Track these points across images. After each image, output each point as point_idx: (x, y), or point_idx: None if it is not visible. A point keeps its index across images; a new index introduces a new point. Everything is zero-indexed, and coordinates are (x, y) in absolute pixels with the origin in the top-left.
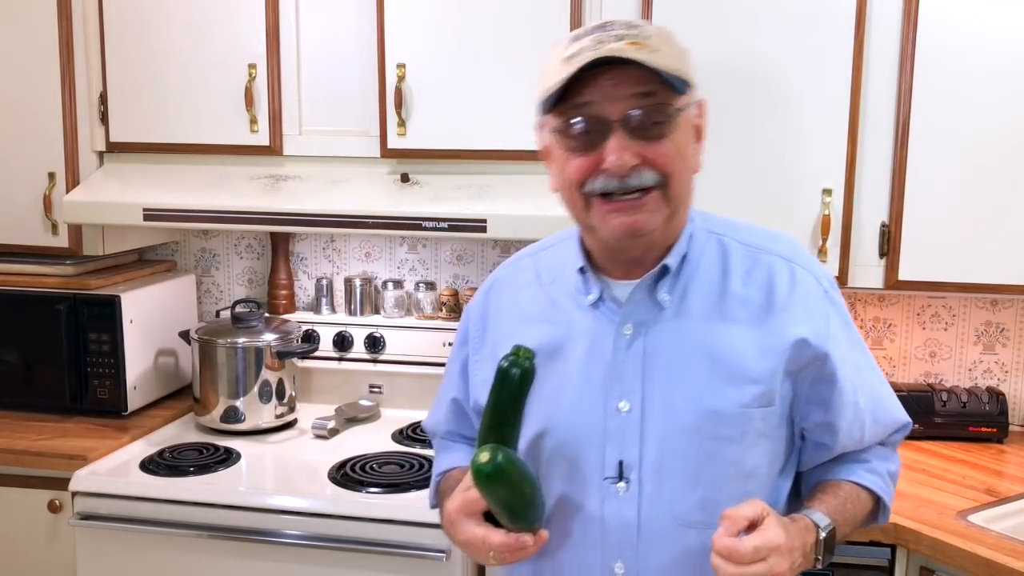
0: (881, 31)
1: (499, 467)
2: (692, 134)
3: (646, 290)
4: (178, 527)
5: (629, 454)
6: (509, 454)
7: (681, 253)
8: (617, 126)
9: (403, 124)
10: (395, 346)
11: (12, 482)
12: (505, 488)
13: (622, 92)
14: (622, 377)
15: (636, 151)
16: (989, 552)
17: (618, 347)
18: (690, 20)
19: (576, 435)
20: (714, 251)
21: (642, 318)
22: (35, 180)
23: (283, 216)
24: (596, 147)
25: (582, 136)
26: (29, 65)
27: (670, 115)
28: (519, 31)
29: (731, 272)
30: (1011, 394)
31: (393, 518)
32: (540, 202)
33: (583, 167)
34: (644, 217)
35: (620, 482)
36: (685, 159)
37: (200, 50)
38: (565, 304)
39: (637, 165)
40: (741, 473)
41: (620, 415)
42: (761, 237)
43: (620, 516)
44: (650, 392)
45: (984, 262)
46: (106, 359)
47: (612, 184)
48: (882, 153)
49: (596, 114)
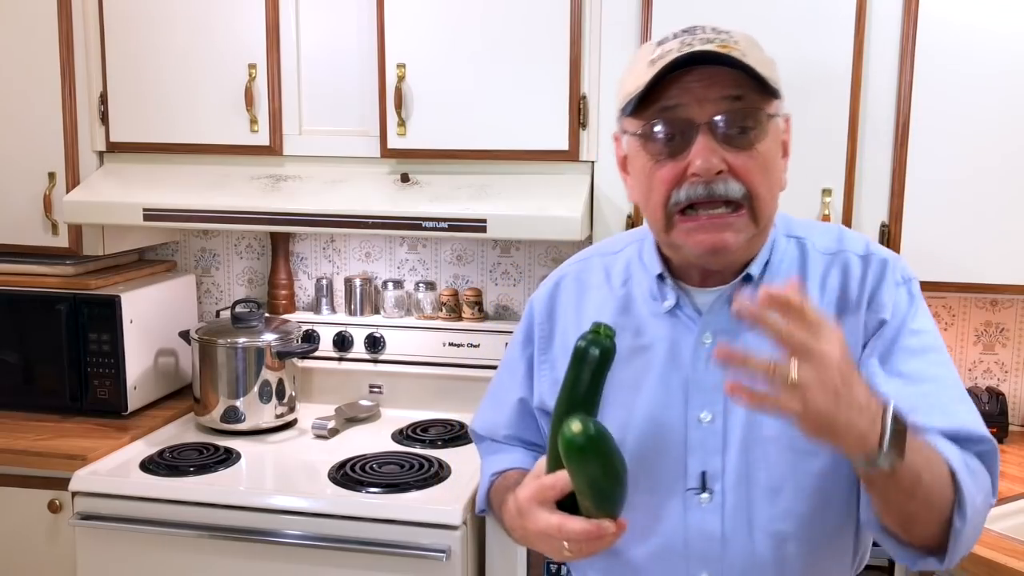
0: (881, 31)
1: (592, 438)
2: (779, 148)
3: (727, 299)
4: (178, 527)
5: (712, 465)
6: (600, 424)
7: (763, 261)
8: (704, 128)
9: (403, 124)
10: (395, 346)
11: (12, 482)
12: (597, 462)
13: (711, 94)
14: (703, 387)
15: (724, 156)
16: (989, 552)
17: (698, 356)
18: (690, 22)
19: (656, 444)
20: (794, 257)
21: (722, 327)
22: (35, 180)
23: (283, 216)
24: (681, 153)
25: (666, 140)
26: (29, 65)
27: (760, 120)
28: (519, 31)
29: (809, 278)
30: (1011, 394)
31: (393, 518)
32: (540, 202)
33: (668, 177)
34: (731, 236)
35: (703, 493)
36: (772, 173)
37: (200, 50)
38: (639, 309)
39: (723, 172)
40: (823, 484)
41: (702, 425)
42: (836, 239)
43: (703, 527)
44: (731, 403)
45: (984, 262)
46: (106, 359)
47: (698, 191)
48: (882, 153)
49: (683, 116)
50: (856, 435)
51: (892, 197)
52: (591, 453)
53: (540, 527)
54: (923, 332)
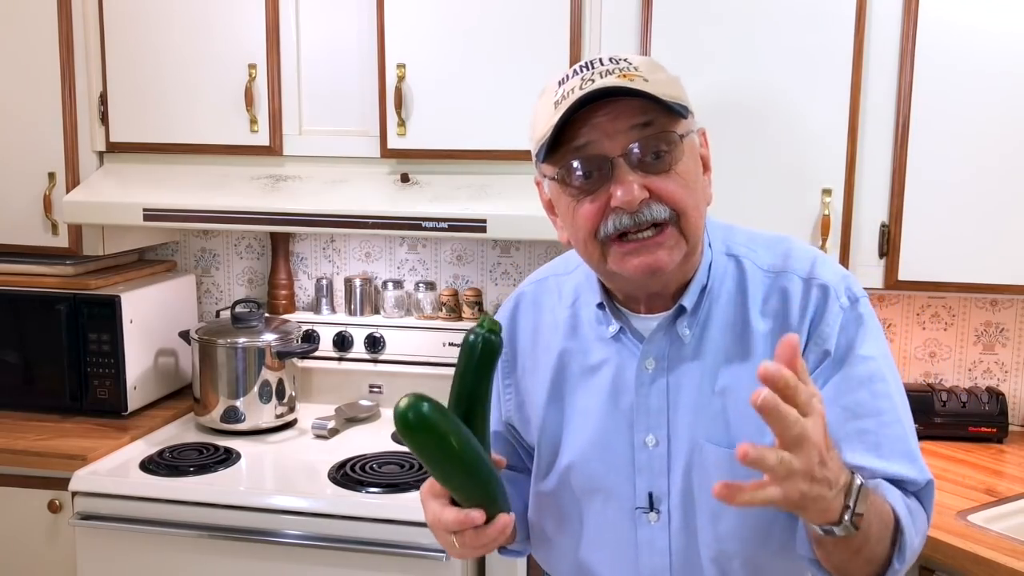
0: (881, 31)
1: (421, 415)
2: (699, 164)
3: (666, 327)
4: (178, 527)
5: (658, 486)
6: (437, 405)
7: (700, 286)
8: (620, 162)
9: (403, 124)
10: (395, 346)
11: (12, 482)
12: (428, 441)
13: (620, 126)
14: (648, 411)
15: (643, 184)
16: (989, 552)
17: (641, 382)
18: (690, 20)
19: (606, 466)
20: (733, 277)
21: (663, 352)
22: (35, 180)
23: (283, 216)
24: (601, 188)
25: (585, 179)
26: (29, 65)
27: (673, 143)
28: (519, 31)
29: (750, 301)
30: (1011, 394)
31: (393, 518)
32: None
33: (592, 213)
34: (664, 254)
35: (651, 512)
36: (695, 191)
37: (200, 50)
38: (586, 331)
39: (646, 199)
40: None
41: (647, 448)
42: (781, 256)
43: (653, 545)
44: (675, 427)
45: (984, 262)
46: (106, 359)
47: (624, 221)
48: (882, 153)
49: (596, 153)
50: (821, 509)
51: (892, 197)
52: (419, 432)
53: (428, 518)
54: (870, 359)
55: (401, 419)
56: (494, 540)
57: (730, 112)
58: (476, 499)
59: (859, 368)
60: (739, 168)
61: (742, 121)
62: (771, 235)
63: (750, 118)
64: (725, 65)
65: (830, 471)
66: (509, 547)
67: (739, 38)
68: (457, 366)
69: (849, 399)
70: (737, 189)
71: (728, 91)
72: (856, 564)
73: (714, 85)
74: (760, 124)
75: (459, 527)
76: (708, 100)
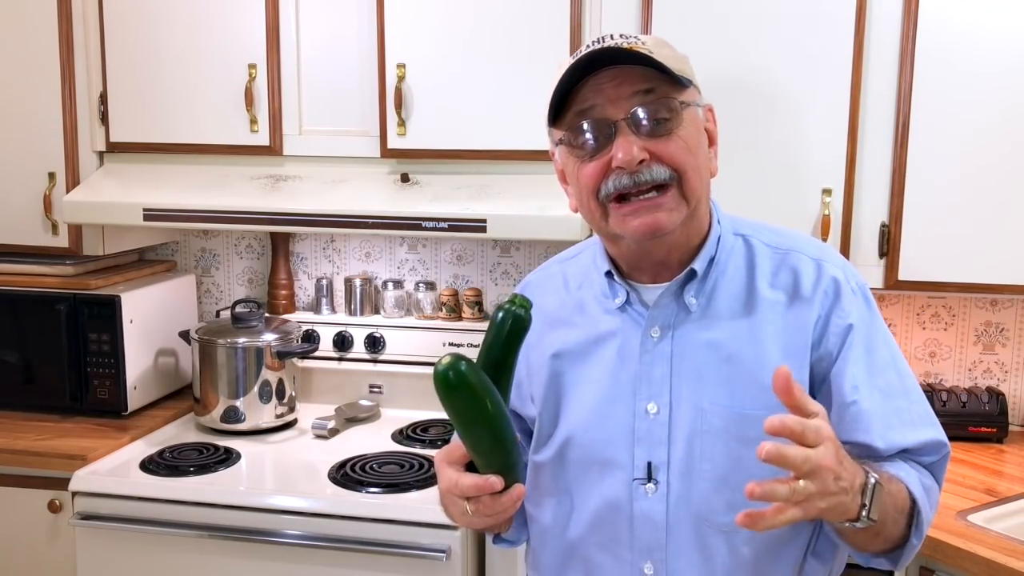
0: (881, 31)
1: (461, 374)
2: (703, 135)
3: (673, 294)
4: (178, 527)
5: (657, 455)
6: (476, 367)
7: (708, 256)
8: (623, 125)
9: (403, 124)
10: (395, 346)
11: (12, 482)
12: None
13: (624, 91)
14: (650, 379)
15: (644, 146)
16: (989, 552)
17: (645, 349)
18: (691, 20)
19: (606, 436)
20: (741, 253)
21: (669, 321)
22: (35, 180)
23: (283, 216)
24: (604, 150)
25: (589, 141)
26: (29, 65)
27: (675, 109)
28: (519, 31)
29: (758, 273)
30: (1011, 394)
31: (393, 518)
32: (540, 202)
33: (594, 172)
34: (664, 215)
35: (649, 483)
36: (696, 155)
37: (200, 50)
38: (592, 308)
39: (646, 160)
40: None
41: (648, 417)
42: (789, 238)
43: (649, 517)
44: (677, 394)
45: (984, 262)
46: (106, 359)
47: (624, 181)
48: (882, 153)
49: (600, 116)
50: (840, 511)
51: (892, 197)
52: (459, 391)
53: (443, 485)
54: (887, 343)
55: (441, 378)
56: (507, 509)
57: (730, 112)
58: (497, 465)
59: (883, 352)
60: (739, 168)
61: (742, 121)
62: (775, 225)
63: (750, 118)
64: (725, 65)
65: (845, 481)
66: (504, 536)
67: (739, 38)
68: (485, 338)
69: (882, 381)
70: (737, 189)
71: (728, 91)
72: (875, 543)
73: (713, 85)
74: (760, 124)
75: (477, 492)
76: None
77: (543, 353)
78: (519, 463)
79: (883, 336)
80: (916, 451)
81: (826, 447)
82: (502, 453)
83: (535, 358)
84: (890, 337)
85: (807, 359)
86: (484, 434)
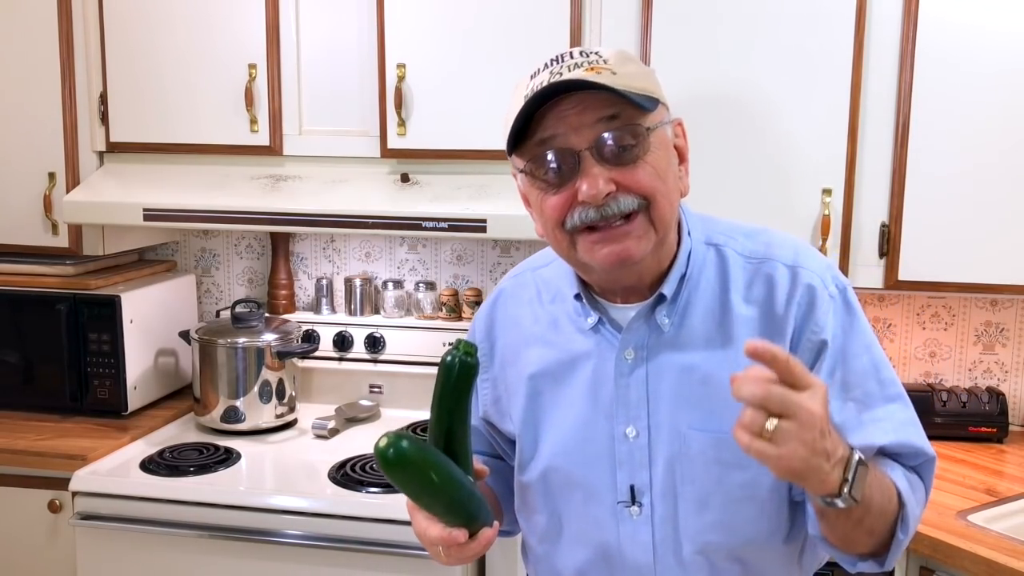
0: (881, 31)
1: (401, 451)
2: (672, 155)
3: (644, 316)
4: (178, 527)
5: (639, 478)
6: (416, 441)
7: (679, 274)
8: (587, 155)
9: (403, 124)
10: (395, 346)
11: (12, 482)
12: (407, 476)
13: (586, 119)
14: (627, 403)
15: (610, 177)
16: (989, 552)
17: (620, 372)
18: (691, 20)
19: (587, 460)
20: (713, 265)
21: (643, 342)
22: (35, 180)
23: (283, 216)
24: (569, 181)
25: (553, 172)
26: (29, 65)
27: (640, 135)
28: (519, 31)
29: (731, 287)
30: (1011, 394)
31: (393, 518)
32: None
33: (559, 204)
34: (632, 243)
35: (633, 506)
36: (665, 180)
37: (200, 50)
38: (566, 326)
39: (612, 192)
40: (750, 496)
41: (628, 440)
42: (763, 244)
43: (636, 539)
44: (656, 417)
45: (984, 262)
46: (106, 359)
47: (590, 214)
48: (882, 153)
49: (563, 146)
50: (820, 480)
51: (892, 197)
52: (399, 469)
53: (416, 530)
54: (868, 348)
55: (381, 457)
56: (478, 553)
57: (730, 112)
58: (459, 521)
59: (862, 360)
60: (739, 168)
61: (742, 121)
62: (750, 225)
63: (750, 118)
64: (725, 65)
65: (827, 444)
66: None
67: (740, 38)
68: (435, 388)
69: (859, 392)
70: (737, 189)
71: (728, 91)
72: (859, 536)
73: (714, 85)
74: (760, 124)
75: (445, 543)
76: (708, 99)
77: (520, 373)
78: (482, 511)
79: (864, 342)
80: (897, 454)
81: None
82: (460, 512)
83: (513, 376)
84: (872, 342)
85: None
86: (435, 503)
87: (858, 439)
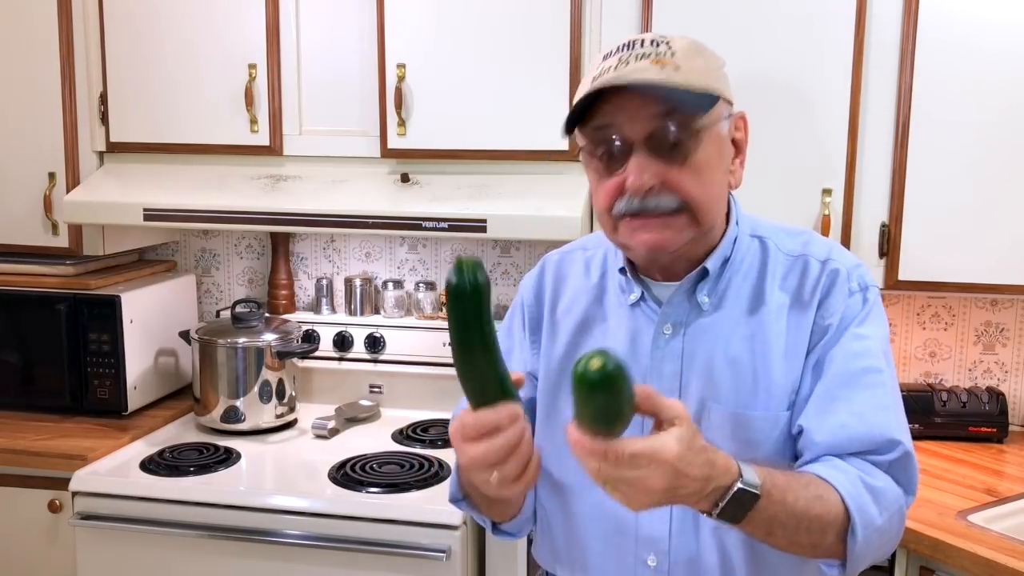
0: (881, 30)
1: (612, 370)
2: (726, 150)
3: (685, 292)
4: (178, 527)
5: None
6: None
7: (723, 256)
8: (638, 146)
9: (403, 124)
10: (395, 346)
11: (12, 482)
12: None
13: (644, 112)
14: (660, 375)
15: (656, 171)
16: (989, 552)
17: (657, 345)
18: (691, 20)
19: None
20: (756, 254)
21: (681, 318)
22: (35, 180)
23: (283, 216)
24: (620, 168)
25: (606, 157)
26: (29, 65)
27: (692, 134)
28: (519, 31)
29: (768, 275)
30: (1011, 394)
31: (393, 518)
32: (540, 202)
33: (609, 191)
34: (670, 235)
35: None
36: (711, 179)
37: (200, 50)
38: (609, 301)
39: (655, 186)
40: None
41: None
42: (802, 243)
43: (655, 513)
44: (686, 391)
45: (984, 262)
46: (106, 359)
47: (634, 205)
48: (882, 153)
49: (617, 135)
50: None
51: (892, 197)
52: (605, 389)
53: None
54: (866, 337)
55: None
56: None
57: None
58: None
59: (855, 343)
60: None
61: None
62: (792, 227)
63: (750, 118)
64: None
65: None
66: (504, 528)
67: (739, 38)
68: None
69: (841, 368)
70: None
71: None
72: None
73: None
74: (760, 124)
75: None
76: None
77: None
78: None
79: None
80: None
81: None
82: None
83: (561, 331)
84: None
85: (803, 361)
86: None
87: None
